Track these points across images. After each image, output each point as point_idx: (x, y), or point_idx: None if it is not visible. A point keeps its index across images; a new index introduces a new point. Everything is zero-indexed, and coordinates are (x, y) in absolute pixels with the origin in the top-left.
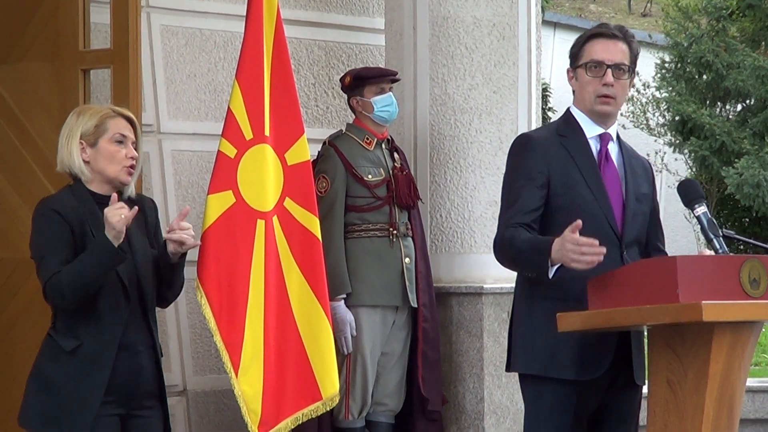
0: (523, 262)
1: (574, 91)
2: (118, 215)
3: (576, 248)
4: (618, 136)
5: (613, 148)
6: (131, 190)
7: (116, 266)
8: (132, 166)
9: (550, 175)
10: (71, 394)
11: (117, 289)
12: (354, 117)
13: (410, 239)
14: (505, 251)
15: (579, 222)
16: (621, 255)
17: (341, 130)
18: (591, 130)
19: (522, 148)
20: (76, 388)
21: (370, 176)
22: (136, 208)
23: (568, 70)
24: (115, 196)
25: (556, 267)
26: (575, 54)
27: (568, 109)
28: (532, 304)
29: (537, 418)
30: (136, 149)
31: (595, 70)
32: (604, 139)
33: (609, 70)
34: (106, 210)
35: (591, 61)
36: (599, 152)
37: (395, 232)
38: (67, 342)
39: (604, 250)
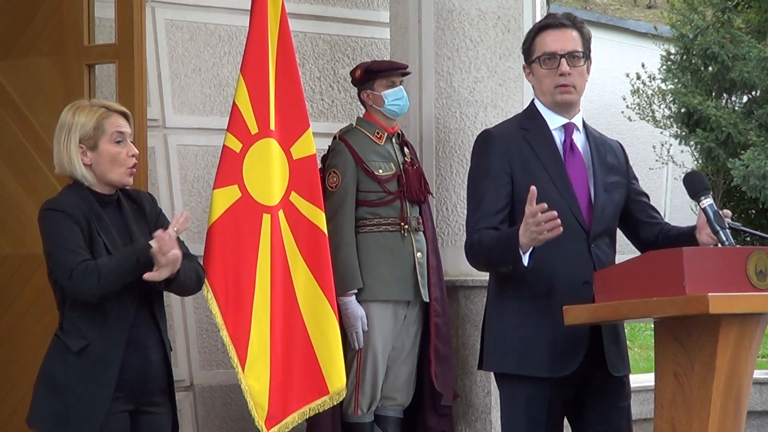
0: (495, 259)
1: (533, 86)
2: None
3: (534, 221)
4: (584, 125)
5: (578, 138)
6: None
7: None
8: (134, 166)
9: (513, 171)
10: (80, 395)
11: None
12: (364, 111)
13: (422, 234)
14: (476, 255)
15: (534, 189)
16: (588, 248)
17: (351, 125)
18: (554, 121)
19: (483, 146)
20: (85, 388)
21: (380, 171)
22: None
23: (523, 67)
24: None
25: (529, 253)
26: (527, 50)
27: (532, 102)
28: (503, 303)
29: (512, 415)
30: (133, 142)
31: (549, 62)
32: (568, 129)
33: (563, 60)
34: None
35: (543, 54)
36: (564, 143)
37: (406, 226)
38: (74, 342)
39: (555, 214)
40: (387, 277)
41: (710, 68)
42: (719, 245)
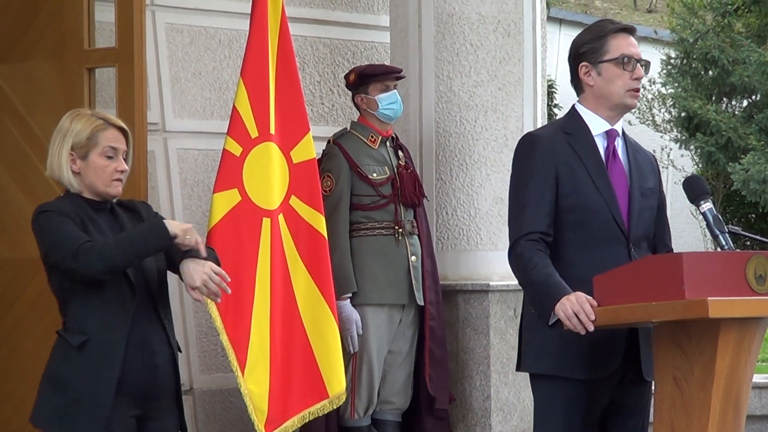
0: (530, 296)
1: (583, 86)
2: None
3: (578, 308)
4: (623, 132)
5: (619, 144)
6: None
7: (160, 249)
8: (120, 179)
9: (558, 174)
10: (83, 391)
11: (121, 281)
12: (359, 115)
13: (416, 237)
14: (518, 271)
15: (595, 305)
16: (629, 253)
17: (346, 129)
18: (597, 127)
19: (528, 147)
20: (88, 384)
21: (374, 174)
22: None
23: (583, 65)
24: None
25: (557, 318)
26: (596, 48)
27: (573, 107)
28: None
29: (548, 417)
30: (127, 158)
31: (627, 64)
32: (611, 135)
33: (639, 65)
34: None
35: (623, 56)
36: (606, 149)
37: (401, 230)
38: (75, 338)
39: (592, 327)
40: (381, 280)
41: (710, 72)
42: (719, 249)
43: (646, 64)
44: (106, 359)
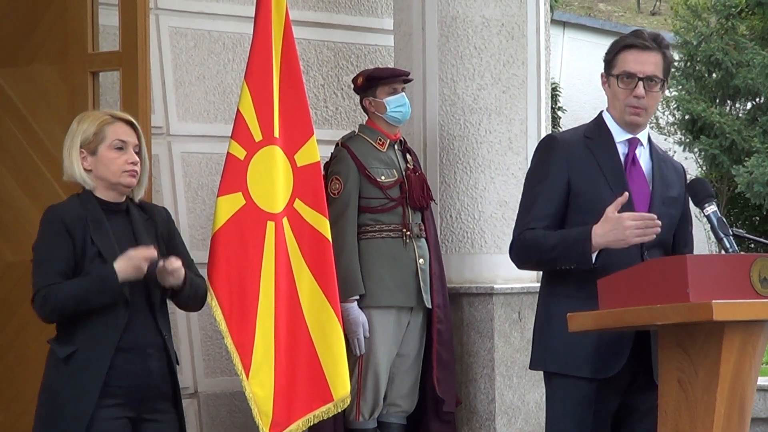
0: (555, 257)
1: (607, 97)
2: (140, 263)
3: (639, 224)
4: (649, 141)
5: (642, 153)
6: (141, 194)
7: (113, 300)
8: (134, 171)
9: (570, 176)
10: (66, 399)
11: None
12: (366, 118)
13: (424, 240)
14: (528, 252)
15: (626, 195)
16: (641, 256)
17: (354, 132)
18: (620, 134)
19: (545, 148)
20: (71, 392)
21: (383, 177)
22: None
23: (602, 75)
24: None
25: (596, 253)
26: (609, 61)
27: (600, 113)
28: (552, 301)
29: (559, 415)
30: (140, 152)
31: (627, 81)
32: (632, 143)
33: (641, 83)
34: (132, 252)
35: (623, 73)
36: (626, 156)
37: (408, 232)
38: (62, 349)
39: (659, 223)
40: (389, 283)
41: (714, 75)
42: (723, 252)
43: (661, 82)
44: (90, 371)
